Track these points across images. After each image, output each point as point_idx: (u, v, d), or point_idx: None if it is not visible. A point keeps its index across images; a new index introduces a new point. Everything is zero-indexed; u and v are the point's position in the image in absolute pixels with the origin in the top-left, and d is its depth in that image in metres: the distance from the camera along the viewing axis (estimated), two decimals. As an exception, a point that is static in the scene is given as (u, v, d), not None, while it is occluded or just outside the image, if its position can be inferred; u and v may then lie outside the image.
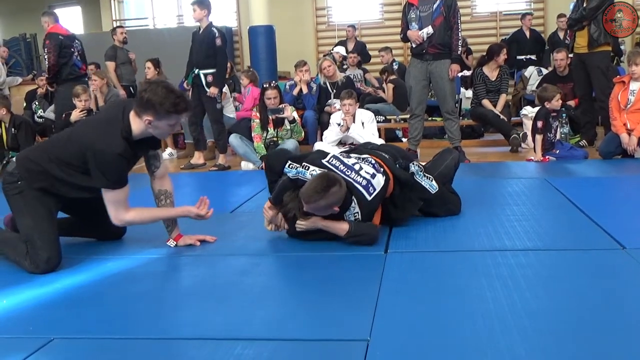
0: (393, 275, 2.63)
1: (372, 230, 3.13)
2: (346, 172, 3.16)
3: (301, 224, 3.19)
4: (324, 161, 3.25)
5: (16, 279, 2.85)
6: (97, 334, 2.18)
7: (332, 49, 9.83)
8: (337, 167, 3.19)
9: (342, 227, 3.12)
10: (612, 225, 3.21)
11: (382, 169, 3.26)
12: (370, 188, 3.13)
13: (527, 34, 10.32)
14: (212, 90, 6.36)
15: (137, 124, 2.98)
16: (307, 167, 3.22)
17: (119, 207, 3.07)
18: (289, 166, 3.28)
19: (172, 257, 3.12)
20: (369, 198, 3.12)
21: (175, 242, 3.30)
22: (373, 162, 3.30)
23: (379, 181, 3.17)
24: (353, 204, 3.11)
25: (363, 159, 3.33)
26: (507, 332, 2.00)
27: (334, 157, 3.30)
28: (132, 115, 2.99)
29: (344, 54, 9.42)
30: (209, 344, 2.06)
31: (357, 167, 3.21)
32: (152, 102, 2.88)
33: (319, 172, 3.15)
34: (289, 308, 2.38)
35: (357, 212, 3.13)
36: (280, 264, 3.00)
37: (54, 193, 3.07)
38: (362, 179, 3.14)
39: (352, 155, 3.43)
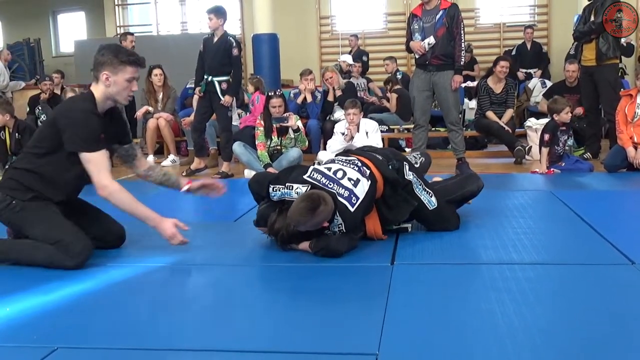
0: (400, 287, 2.60)
1: (334, 243, 3.09)
2: (328, 185, 3.15)
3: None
4: (305, 177, 3.22)
5: (19, 286, 2.81)
6: (102, 343, 2.15)
7: (339, 59, 9.81)
8: (319, 181, 3.17)
9: (306, 246, 3.14)
10: (621, 239, 3.17)
11: (368, 172, 3.24)
12: (353, 198, 3.12)
13: (529, 46, 10.30)
14: (227, 99, 6.37)
15: (98, 89, 3.13)
16: (290, 187, 3.20)
17: (101, 172, 3.05)
18: (273, 189, 3.27)
19: (176, 266, 3.08)
20: (352, 209, 3.11)
21: (188, 186, 3.43)
22: (359, 164, 3.27)
23: (362, 188, 3.16)
24: (336, 216, 3.10)
25: (349, 161, 3.30)
26: (518, 349, 1.97)
27: (315, 170, 3.27)
28: (92, 85, 3.15)
29: (351, 62, 9.37)
30: (216, 355, 2.03)
31: (339, 174, 3.19)
32: (107, 57, 3.08)
33: (303, 189, 3.14)
34: (296, 320, 2.34)
35: (341, 224, 3.12)
36: (286, 274, 2.96)
37: (48, 198, 3.11)
38: (344, 190, 3.13)
39: (337, 159, 3.40)
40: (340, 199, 3.10)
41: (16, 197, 3.08)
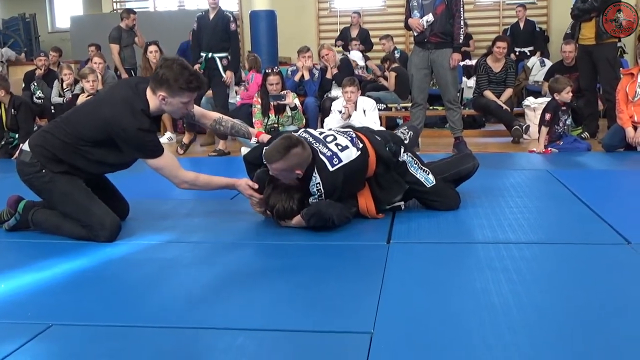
0: (396, 266, 2.60)
1: (324, 208, 3.08)
2: (314, 144, 3.17)
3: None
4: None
5: (15, 263, 2.81)
6: (96, 320, 2.15)
7: (336, 42, 9.58)
8: (305, 140, 3.20)
9: (300, 220, 3.14)
10: (617, 219, 3.17)
11: (360, 145, 3.22)
12: (335, 159, 3.11)
13: (522, 25, 10.21)
14: (228, 75, 6.38)
15: (153, 101, 3.09)
16: None
17: (176, 170, 3.22)
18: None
19: (172, 244, 3.08)
20: (331, 169, 3.10)
21: (257, 139, 3.58)
22: (353, 136, 3.27)
23: (349, 154, 3.14)
24: (314, 173, 3.10)
25: (344, 132, 3.32)
26: (513, 327, 1.97)
27: (305, 131, 3.35)
28: (148, 92, 3.10)
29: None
30: (210, 333, 2.03)
31: (329, 139, 3.21)
32: (167, 78, 2.99)
33: None
34: (290, 298, 2.34)
35: (319, 183, 3.11)
36: (281, 252, 2.95)
37: (76, 175, 3.16)
38: (327, 150, 3.14)
39: (333, 129, 3.42)
40: (321, 156, 3.12)
41: (47, 167, 3.10)
